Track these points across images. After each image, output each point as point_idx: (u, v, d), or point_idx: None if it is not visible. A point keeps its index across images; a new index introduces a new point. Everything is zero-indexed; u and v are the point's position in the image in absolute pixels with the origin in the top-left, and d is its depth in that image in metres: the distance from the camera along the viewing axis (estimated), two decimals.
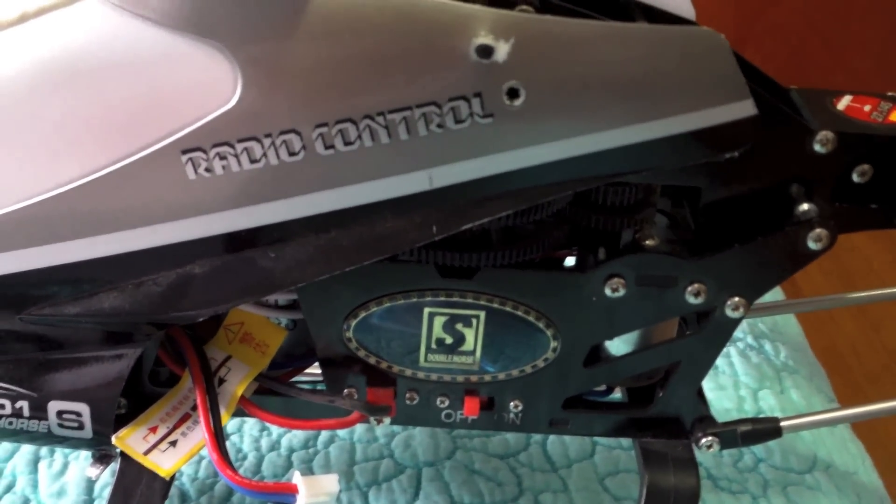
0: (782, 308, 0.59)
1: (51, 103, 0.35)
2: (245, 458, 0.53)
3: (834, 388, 0.67)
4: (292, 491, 0.39)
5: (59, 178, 0.35)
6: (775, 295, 0.72)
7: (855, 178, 0.39)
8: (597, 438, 0.56)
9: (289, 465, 0.53)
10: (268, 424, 0.54)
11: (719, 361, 0.63)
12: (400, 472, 0.53)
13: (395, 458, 0.53)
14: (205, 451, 0.40)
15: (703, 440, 0.44)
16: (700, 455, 0.54)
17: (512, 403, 0.44)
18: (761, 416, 0.57)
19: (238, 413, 0.42)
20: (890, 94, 0.42)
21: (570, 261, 0.43)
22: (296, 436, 0.54)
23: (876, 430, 0.77)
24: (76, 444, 0.41)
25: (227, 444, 0.52)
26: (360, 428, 0.55)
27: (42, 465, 0.51)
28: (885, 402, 0.48)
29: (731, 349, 0.64)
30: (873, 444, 0.66)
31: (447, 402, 0.43)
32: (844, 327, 1.29)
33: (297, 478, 0.39)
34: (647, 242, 0.40)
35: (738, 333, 0.65)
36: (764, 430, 0.45)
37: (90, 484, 0.50)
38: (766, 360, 0.64)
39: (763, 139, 0.37)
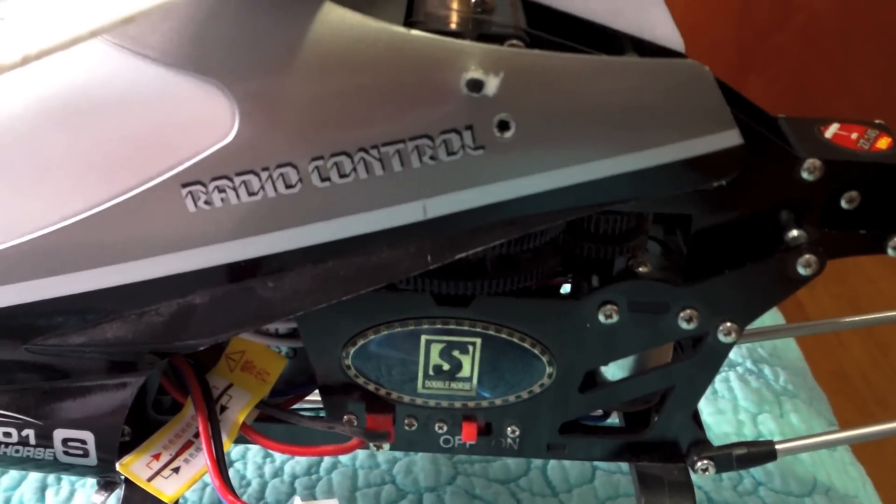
0: (782, 332, 0.59)
1: (54, 140, 0.36)
2: (249, 484, 0.54)
3: (842, 412, 0.68)
4: None
5: (64, 212, 0.36)
6: (775, 319, 0.72)
7: (843, 204, 0.40)
8: (597, 463, 0.56)
9: (292, 492, 0.53)
10: (271, 451, 0.55)
11: (718, 386, 0.63)
12: (401, 497, 0.53)
13: (397, 483, 0.54)
14: (208, 478, 0.41)
15: (699, 463, 0.45)
16: (699, 479, 0.55)
17: (509, 429, 0.44)
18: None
19: (240, 440, 0.43)
20: (877, 121, 0.43)
21: (566, 288, 0.44)
22: (299, 462, 0.55)
23: (880, 454, 0.77)
24: (81, 471, 0.42)
25: (231, 470, 0.53)
26: (362, 454, 0.56)
27: (49, 493, 0.52)
28: (883, 424, 0.48)
29: (730, 374, 0.64)
30: (876, 467, 0.66)
31: (445, 428, 0.44)
32: (852, 351, 1.29)
33: (297, 503, 0.39)
34: (640, 269, 0.41)
35: (737, 358, 0.66)
36: (759, 453, 0.46)
37: None
38: (766, 384, 0.64)
39: (751, 167, 0.38)
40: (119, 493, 0.44)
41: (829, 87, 1.55)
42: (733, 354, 0.66)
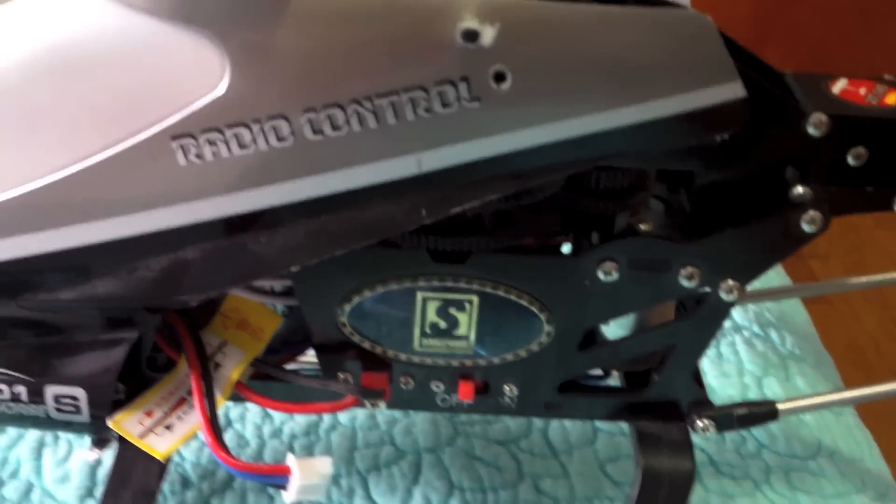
0: (788, 293, 0.58)
1: (43, 93, 0.35)
2: (247, 444, 0.53)
3: (855, 384, 0.67)
4: (285, 473, 0.39)
5: (53, 166, 0.36)
6: (783, 282, 0.71)
7: (850, 160, 0.39)
8: (598, 424, 0.56)
9: (291, 452, 0.53)
10: (270, 412, 0.55)
11: (724, 349, 0.63)
12: (400, 457, 0.53)
13: (396, 444, 0.54)
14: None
15: (699, 423, 0.44)
16: (702, 441, 0.55)
17: (507, 387, 0.44)
18: None
19: (234, 397, 0.42)
20: (887, 77, 0.42)
21: (568, 249, 0.43)
22: (298, 423, 0.55)
23: (886, 419, 0.77)
24: (74, 428, 0.41)
25: (230, 431, 0.53)
26: (361, 415, 0.55)
27: (46, 452, 0.52)
28: (887, 384, 0.48)
29: (736, 337, 0.64)
30: (883, 432, 0.65)
31: (442, 387, 0.44)
32: (866, 323, 1.28)
33: (290, 460, 0.39)
34: (641, 227, 0.40)
35: (743, 322, 0.65)
36: (760, 412, 0.45)
37: (93, 470, 0.51)
38: (772, 348, 0.64)
39: (756, 122, 0.37)
40: (113, 450, 0.44)
41: (846, 60, 1.53)
42: (739, 318, 0.65)
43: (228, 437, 0.53)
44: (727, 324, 0.65)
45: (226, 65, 0.34)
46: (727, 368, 0.61)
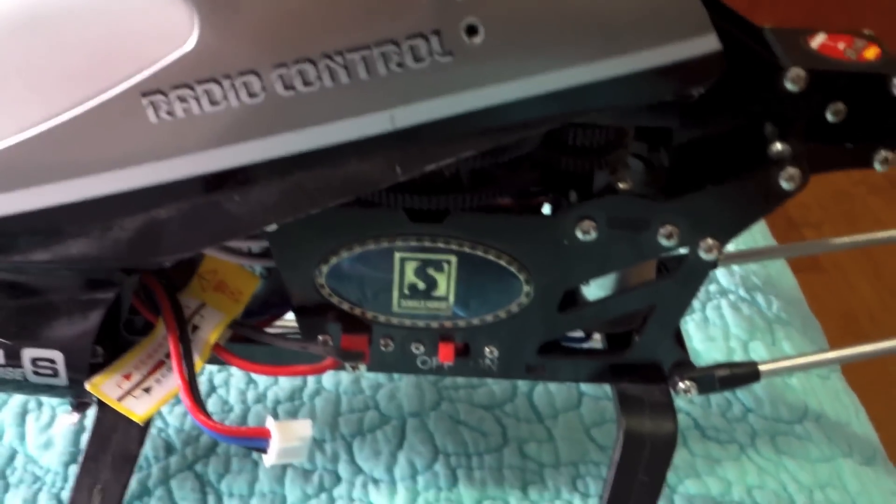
0: (772, 253, 0.58)
1: (9, 49, 0.35)
2: (231, 410, 0.53)
3: None
4: (265, 436, 0.39)
5: (21, 124, 0.35)
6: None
7: (829, 116, 0.39)
8: (583, 388, 0.56)
9: (274, 417, 0.53)
10: (254, 377, 0.55)
11: (709, 313, 0.62)
12: (385, 422, 0.53)
13: (381, 409, 0.54)
14: None
15: (681, 384, 0.44)
16: (688, 405, 0.55)
17: (487, 349, 0.43)
18: None
19: (212, 360, 0.42)
20: (866, 31, 0.41)
21: (547, 210, 0.43)
22: (282, 388, 0.54)
23: (874, 382, 0.77)
24: (53, 391, 0.41)
25: (214, 396, 0.53)
26: (345, 379, 0.55)
27: (30, 419, 0.52)
28: (870, 344, 0.47)
29: (721, 301, 0.63)
30: (870, 396, 0.65)
31: (422, 349, 0.43)
32: (861, 292, 1.28)
33: (269, 423, 0.39)
34: (620, 185, 0.40)
35: (729, 286, 0.65)
36: (742, 374, 0.45)
37: (77, 436, 0.51)
38: (759, 312, 0.63)
39: (732, 77, 0.36)
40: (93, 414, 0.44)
41: (841, 23, 1.52)
42: (725, 282, 0.65)
43: (212, 403, 0.53)
44: (713, 287, 0.64)
45: (194, 19, 0.34)
46: (713, 332, 0.61)
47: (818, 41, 0.40)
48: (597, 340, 0.48)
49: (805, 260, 0.78)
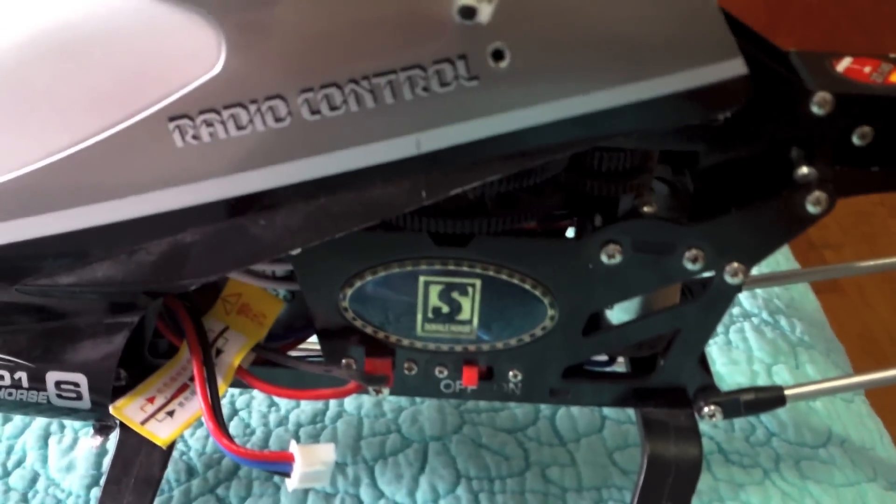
0: (796, 277, 0.58)
1: (39, 75, 0.35)
2: (253, 433, 0.53)
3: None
4: (288, 460, 0.39)
5: (49, 149, 0.35)
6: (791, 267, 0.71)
7: (855, 140, 0.39)
8: (606, 412, 0.55)
9: (296, 441, 0.53)
10: (276, 400, 0.55)
11: (733, 336, 0.62)
12: (406, 446, 0.53)
13: (402, 432, 0.53)
14: None
15: (706, 409, 0.44)
16: (711, 429, 0.54)
17: (511, 373, 0.43)
18: None
19: (236, 384, 0.42)
20: (892, 55, 0.41)
21: (571, 233, 0.43)
22: (304, 411, 0.54)
23: None
24: (76, 415, 0.41)
25: (236, 419, 0.53)
26: (367, 403, 0.55)
27: (52, 441, 0.52)
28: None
29: (745, 324, 0.63)
30: (895, 420, 0.65)
31: (446, 372, 0.43)
32: (880, 313, 1.27)
33: (293, 447, 0.39)
34: (645, 209, 0.40)
35: (752, 309, 0.65)
36: (768, 398, 0.45)
37: (99, 458, 0.51)
38: (782, 335, 0.63)
39: (759, 101, 0.36)
40: (115, 437, 0.44)
41: (858, 45, 1.52)
42: (749, 305, 0.65)
43: (234, 425, 0.53)
44: (736, 310, 0.64)
45: (221, 44, 0.34)
46: (736, 356, 0.61)
47: (844, 65, 0.40)
48: (621, 364, 0.48)
49: (825, 281, 0.78)
